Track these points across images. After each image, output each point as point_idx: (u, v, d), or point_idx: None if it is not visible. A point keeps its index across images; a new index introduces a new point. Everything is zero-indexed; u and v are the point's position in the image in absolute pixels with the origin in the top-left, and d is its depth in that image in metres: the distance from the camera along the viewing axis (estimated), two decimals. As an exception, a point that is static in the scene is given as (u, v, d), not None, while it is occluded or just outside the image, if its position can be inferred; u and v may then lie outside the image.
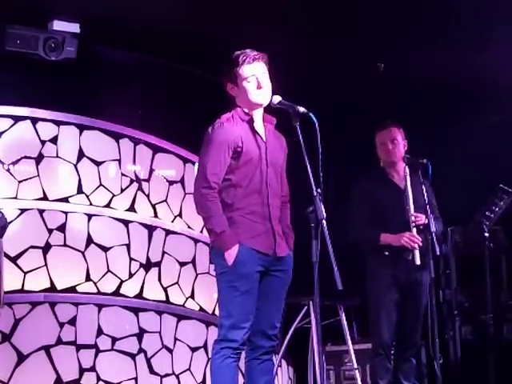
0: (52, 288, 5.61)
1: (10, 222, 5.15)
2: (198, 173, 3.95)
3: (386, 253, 5.06)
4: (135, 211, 6.08)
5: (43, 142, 5.79)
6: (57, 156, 5.84)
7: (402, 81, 6.39)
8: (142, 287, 5.99)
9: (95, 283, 5.78)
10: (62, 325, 5.54)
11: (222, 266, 3.86)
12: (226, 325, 3.83)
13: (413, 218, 5.01)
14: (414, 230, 5.00)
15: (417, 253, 4.96)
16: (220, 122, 3.93)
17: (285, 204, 4.09)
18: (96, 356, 5.63)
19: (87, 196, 5.90)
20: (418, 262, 4.96)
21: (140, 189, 6.15)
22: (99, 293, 5.77)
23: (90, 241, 5.81)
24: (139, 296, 5.95)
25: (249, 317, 3.84)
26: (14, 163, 5.68)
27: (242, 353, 3.93)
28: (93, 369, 5.60)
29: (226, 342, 3.82)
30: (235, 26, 5.64)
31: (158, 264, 6.09)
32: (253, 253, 3.85)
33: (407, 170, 5.07)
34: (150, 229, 6.08)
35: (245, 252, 3.83)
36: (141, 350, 5.83)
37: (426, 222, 4.98)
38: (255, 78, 3.92)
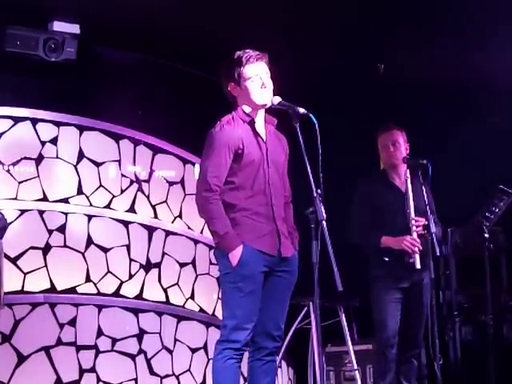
0: (52, 289, 5.60)
1: (10, 222, 5.15)
2: (200, 176, 3.94)
3: (386, 258, 5.06)
4: (135, 212, 6.08)
5: (43, 143, 5.78)
6: (57, 157, 5.84)
7: (401, 81, 6.39)
8: (142, 288, 5.98)
9: (95, 284, 5.77)
10: (61, 326, 5.53)
11: (226, 267, 3.85)
12: (229, 325, 3.82)
13: (413, 222, 5.00)
14: (415, 233, 4.99)
15: (417, 257, 4.95)
16: (221, 124, 3.92)
17: (288, 204, 4.08)
18: (96, 357, 5.61)
19: (87, 197, 5.89)
20: (418, 266, 4.94)
21: (140, 190, 6.14)
22: (99, 294, 5.76)
23: (90, 242, 5.80)
24: (139, 297, 5.95)
25: (252, 318, 3.83)
26: (13, 164, 5.67)
27: (244, 354, 3.92)
28: (93, 370, 5.59)
29: (229, 343, 3.80)
30: (236, 27, 5.64)
31: (158, 265, 6.08)
32: (257, 254, 3.84)
33: (408, 174, 5.06)
34: (150, 230, 6.07)
35: (249, 253, 3.82)
36: (141, 351, 5.82)
37: (426, 224, 4.98)
38: (259, 77, 3.91)
